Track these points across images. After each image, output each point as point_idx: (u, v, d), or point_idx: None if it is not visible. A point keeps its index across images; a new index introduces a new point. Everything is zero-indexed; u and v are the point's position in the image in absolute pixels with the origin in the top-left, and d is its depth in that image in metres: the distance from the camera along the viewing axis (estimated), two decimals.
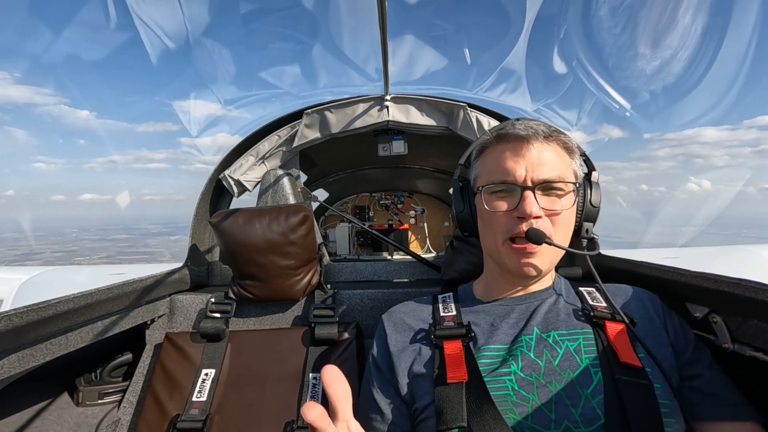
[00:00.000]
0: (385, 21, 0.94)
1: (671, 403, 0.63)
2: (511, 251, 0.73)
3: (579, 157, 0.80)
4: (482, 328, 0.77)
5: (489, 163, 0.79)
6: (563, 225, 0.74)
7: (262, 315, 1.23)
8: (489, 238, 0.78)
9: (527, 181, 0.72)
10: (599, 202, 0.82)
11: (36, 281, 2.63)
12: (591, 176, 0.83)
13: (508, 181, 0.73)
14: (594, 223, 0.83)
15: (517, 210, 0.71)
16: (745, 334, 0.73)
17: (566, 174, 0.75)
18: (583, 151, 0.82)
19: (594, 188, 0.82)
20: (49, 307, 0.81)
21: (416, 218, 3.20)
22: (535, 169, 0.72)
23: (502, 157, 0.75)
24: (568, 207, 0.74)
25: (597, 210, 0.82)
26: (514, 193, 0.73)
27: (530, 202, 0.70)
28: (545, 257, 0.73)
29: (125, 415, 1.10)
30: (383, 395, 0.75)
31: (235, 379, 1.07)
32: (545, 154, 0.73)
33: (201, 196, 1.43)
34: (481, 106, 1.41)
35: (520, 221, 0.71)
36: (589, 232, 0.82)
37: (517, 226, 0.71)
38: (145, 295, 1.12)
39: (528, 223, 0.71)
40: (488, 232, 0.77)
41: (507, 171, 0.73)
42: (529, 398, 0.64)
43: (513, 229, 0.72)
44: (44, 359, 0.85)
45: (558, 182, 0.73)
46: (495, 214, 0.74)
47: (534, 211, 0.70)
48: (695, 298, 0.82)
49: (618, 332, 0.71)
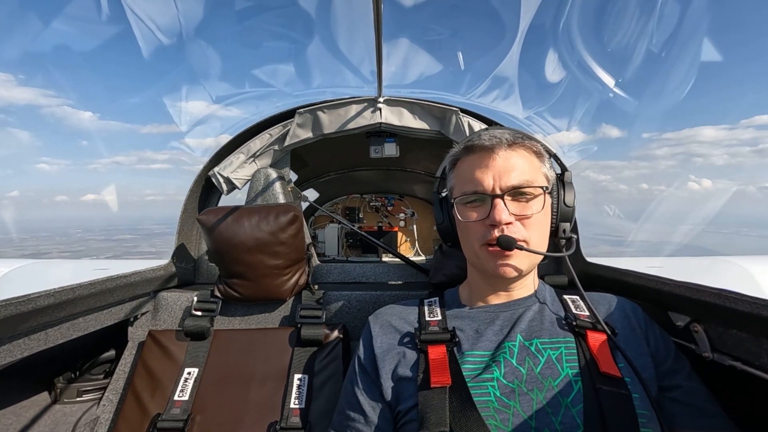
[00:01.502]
0: (380, 23, 0.94)
1: (649, 414, 0.64)
2: (488, 254, 0.75)
3: (549, 159, 0.82)
4: (467, 334, 0.77)
5: (460, 174, 0.81)
6: (537, 228, 0.76)
7: (248, 314, 1.22)
8: (467, 245, 0.80)
9: (496, 189, 0.74)
10: (573, 201, 0.84)
11: (16, 274, 2.57)
12: (564, 177, 0.85)
13: (478, 190, 0.75)
14: (570, 222, 0.84)
15: (489, 218, 0.73)
16: (724, 344, 0.74)
17: (535, 178, 0.76)
18: (553, 153, 0.84)
19: (567, 188, 0.84)
20: (29, 302, 0.79)
21: (406, 221, 3.21)
22: (502, 177, 0.74)
23: (471, 168, 0.78)
24: (538, 210, 0.75)
25: (572, 210, 0.84)
26: (486, 202, 0.75)
27: (500, 209, 0.72)
28: (522, 259, 0.75)
29: (105, 413, 1.07)
30: (367, 396, 0.75)
31: (219, 378, 1.06)
32: (512, 161, 0.75)
33: (189, 193, 1.41)
34: (474, 112, 1.42)
35: (492, 228, 0.73)
36: (566, 232, 0.84)
37: (490, 233, 0.73)
38: (129, 291, 1.10)
39: (500, 230, 0.72)
40: (466, 240, 0.80)
41: (476, 181, 0.75)
42: (511, 405, 0.65)
43: (486, 235, 0.74)
44: (22, 355, 0.83)
45: (526, 187, 0.75)
46: (469, 224, 0.77)
47: (504, 218, 0.72)
48: (677, 307, 0.84)
49: (599, 342, 0.72)
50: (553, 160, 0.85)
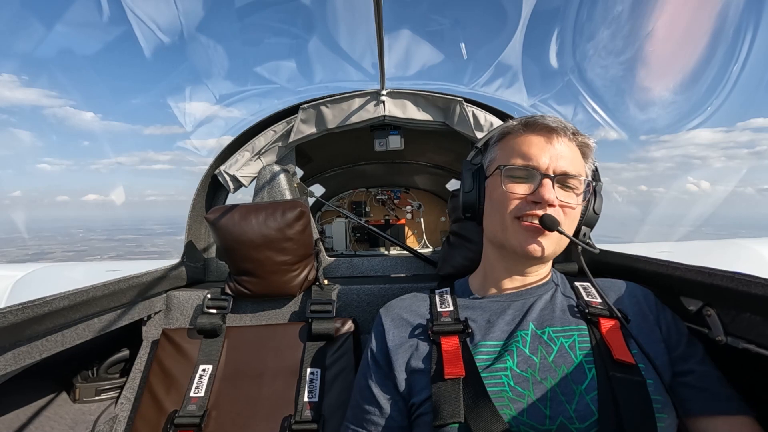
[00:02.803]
0: (381, 15, 0.93)
1: (663, 399, 0.64)
2: (519, 228, 0.74)
3: (592, 163, 0.83)
4: (479, 324, 0.77)
5: (511, 147, 0.80)
6: (571, 219, 0.77)
7: (258, 311, 1.23)
8: (496, 216, 0.78)
9: (549, 170, 0.74)
10: (600, 210, 0.85)
11: (31, 278, 2.61)
12: (596, 186, 0.85)
13: (531, 165, 0.75)
14: (591, 229, 0.86)
15: (534, 195, 0.73)
16: (738, 327, 0.73)
17: (582, 173, 0.78)
18: (594, 160, 0.84)
19: (598, 197, 0.85)
20: (45, 304, 0.81)
21: (413, 213, 3.20)
22: (558, 161, 0.74)
23: (526, 143, 0.77)
24: (580, 203, 0.77)
25: (597, 217, 0.85)
26: (534, 179, 0.75)
27: (549, 189, 0.72)
28: (551, 243, 0.74)
29: (122, 411, 1.10)
30: (381, 390, 0.76)
31: (233, 374, 1.07)
32: (569, 150, 0.76)
33: (197, 192, 1.42)
34: (478, 101, 1.41)
35: (535, 206, 0.73)
36: (587, 236, 0.85)
37: (530, 209, 0.73)
38: (142, 291, 1.12)
39: (543, 210, 0.72)
40: (496, 212, 0.78)
41: (531, 156, 0.75)
42: (525, 394, 0.65)
43: (524, 209, 0.74)
44: (40, 356, 0.84)
45: (576, 177, 0.75)
46: (509, 195, 0.75)
47: (552, 198, 0.72)
48: (689, 292, 0.83)
49: (612, 329, 0.71)
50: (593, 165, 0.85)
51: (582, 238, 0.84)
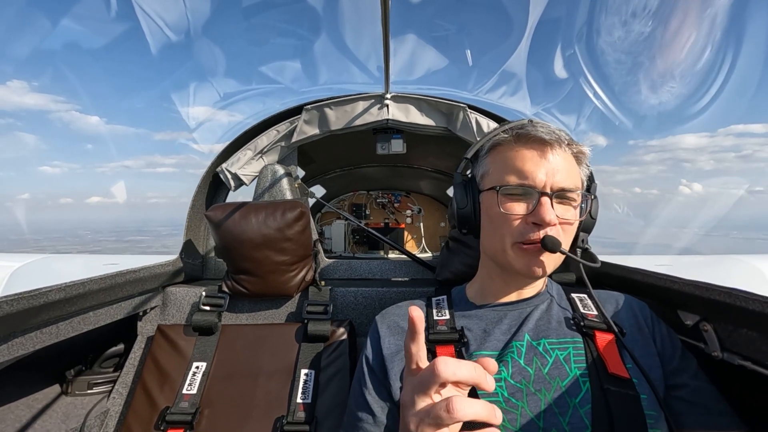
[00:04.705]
0: (388, 19, 0.94)
1: (657, 414, 0.64)
2: (520, 253, 0.71)
3: (587, 168, 0.80)
4: (475, 333, 0.77)
5: (504, 161, 0.75)
6: (570, 233, 0.74)
7: (255, 310, 1.23)
8: (495, 238, 0.75)
9: (546, 187, 0.70)
10: (597, 214, 0.82)
11: (28, 269, 2.61)
12: (591, 188, 0.82)
13: (527, 184, 0.71)
14: (589, 234, 0.83)
15: (533, 215, 0.70)
16: (734, 343, 0.73)
17: (578, 184, 0.75)
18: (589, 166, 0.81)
19: (594, 201, 0.81)
20: (40, 296, 0.80)
21: (413, 218, 3.20)
22: (555, 176, 0.71)
23: (520, 158, 0.73)
24: (577, 218, 0.74)
25: (594, 222, 0.82)
26: (530, 198, 0.71)
27: (548, 209, 0.69)
28: (552, 262, 0.72)
29: (114, 405, 1.09)
30: (376, 397, 0.75)
31: (227, 373, 1.07)
32: (565, 161, 0.73)
33: (197, 189, 1.42)
34: (481, 108, 1.41)
35: (535, 227, 0.70)
36: (585, 242, 0.82)
37: (532, 232, 0.70)
38: (138, 286, 1.12)
39: (544, 231, 0.69)
40: (495, 233, 0.75)
41: (526, 174, 0.71)
42: (519, 405, 0.65)
43: (526, 233, 0.70)
44: (34, 348, 0.84)
45: (574, 191, 0.72)
46: (508, 216, 0.72)
47: (552, 219, 0.69)
48: (687, 306, 0.83)
49: (607, 342, 0.71)
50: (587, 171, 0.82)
51: (581, 243, 0.81)
